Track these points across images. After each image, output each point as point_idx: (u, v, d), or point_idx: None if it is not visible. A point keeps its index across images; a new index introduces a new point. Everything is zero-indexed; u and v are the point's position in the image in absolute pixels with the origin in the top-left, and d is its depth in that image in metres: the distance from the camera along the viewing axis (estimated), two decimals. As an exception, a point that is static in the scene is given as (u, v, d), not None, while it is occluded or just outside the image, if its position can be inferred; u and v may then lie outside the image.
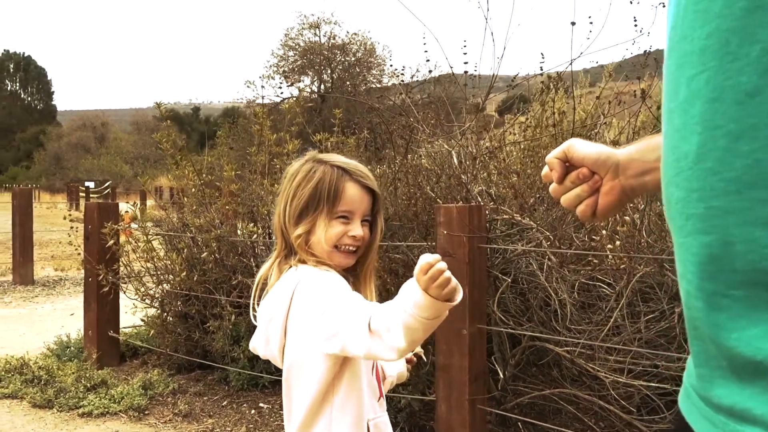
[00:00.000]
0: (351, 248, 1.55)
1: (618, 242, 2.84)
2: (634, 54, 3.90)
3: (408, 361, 1.87)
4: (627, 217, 2.88)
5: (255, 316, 1.59)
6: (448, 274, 1.23)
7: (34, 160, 62.94)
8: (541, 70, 3.47)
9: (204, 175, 4.40)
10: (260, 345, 1.58)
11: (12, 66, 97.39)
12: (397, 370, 1.83)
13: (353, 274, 1.62)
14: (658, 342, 3.01)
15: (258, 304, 1.58)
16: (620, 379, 2.93)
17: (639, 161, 0.96)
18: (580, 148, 1.02)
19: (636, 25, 3.53)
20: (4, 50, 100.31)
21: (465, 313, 3.04)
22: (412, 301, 1.26)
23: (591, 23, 3.21)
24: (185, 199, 4.60)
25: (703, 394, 0.63)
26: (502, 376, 3.30)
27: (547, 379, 3.50)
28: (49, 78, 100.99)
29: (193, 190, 4.37)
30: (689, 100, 0.60)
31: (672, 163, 0.64)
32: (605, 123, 3.98)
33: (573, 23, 2.83)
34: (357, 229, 1.54)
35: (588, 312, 3.29)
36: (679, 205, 0.63)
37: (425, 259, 1.23)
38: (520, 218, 3.22)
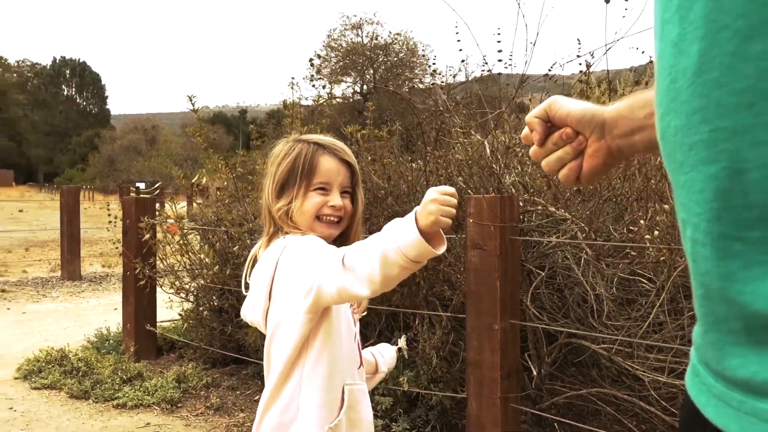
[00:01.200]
0: (333, 219, 1.59)
1: (657, 233, 2.70)
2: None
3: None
4: (666, 206, 2.73)
5: (246, 286, 1.63)
6: (454, 202, 1.28)
7: (89, 163, 64.86)
8: (578, 56, 3.34)
9: (237, 169, 4.38)
10: (248, 311, 1.61)
11: (68, 72, 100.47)
12: (389, 365, 1.85)
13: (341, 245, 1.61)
14: (700, 339, 2.86)
15: (249, 278, 1.62)
16: (661, 378, 2.79)
17: (627, 119, 0.86)
18: (562, 105, 0.92)
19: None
20: (61, 57, 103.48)
21: (496, 308, 2.94)
22: (400, 235, 1.28)
23: (626, 9, 3.07)
24: (218, 193, 4.61)
25: (714, 367, 0.52)
26: (536, 374, 3.18)
27: (586, 379, 3.37)
28: (103, 83, 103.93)
29: (226, 183, 4.37)
30: (686, 2, 0.50)
31: (667, 87, 0.53)
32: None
33: (607, 1, 2.70)
34: (336, 199, 1.58)
35: (627, 308, 3.15)
36: (678, 135, 0.52)
37: (441, 188, 1.29)
38: (554, 209, 3.11)
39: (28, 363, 4.70)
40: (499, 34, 3.70)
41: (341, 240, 1.62)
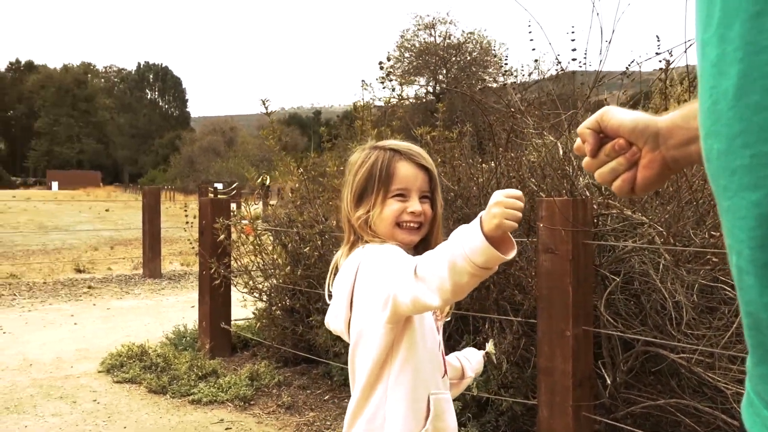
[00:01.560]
0: (413, 224, 1.57)
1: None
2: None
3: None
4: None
5: (329, 295, 1.64)
6: (519, 205, 1.25)
7: (170, 164, 67.27)
8: (657, 54, 3.21)
9: (309, 171, 4.44)
10: (331, 319, 1.62)
11: (151, 76, 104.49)
12: (476, 370, 1.81)
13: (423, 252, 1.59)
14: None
15: (332, 286, 1.63)
16: (744, 391, 2.65)
17: (683, 129, 0.83)
18: (615, 115, 0.90)
19: None
20: (145, 62, 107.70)
21: (568, 314, 2.86)
22: (466, 241, 1.26)
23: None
24: (290, 194, 4.68)
25: (767, 399, 0.51)
26: (610, 382, 3.08)
27: (665, 388, 3.24)
28: (183, 87, 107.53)
29: (297, 185, 4.44)
30: (725, 21, 0.48)
31: (709, 109, 0.51)
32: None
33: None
34: (415, 205, 1.56)
35: (708, 316, 3.01)
36: (720, 159, 0.50)
37: (506, 191, 1.27)
38: (631, 213, 3.00)
39: (111, 357, 4.91)
40: (573, 32, 3.61)
41: (423, 245, 1.60)
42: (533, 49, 3.98)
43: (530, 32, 3.81)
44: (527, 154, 3.73)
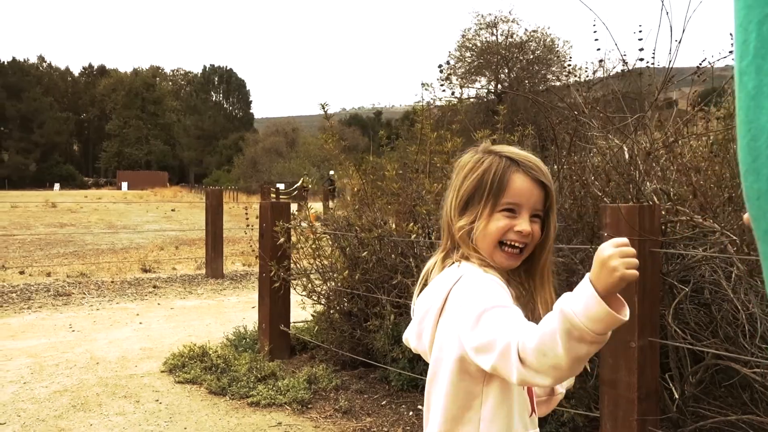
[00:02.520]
0: (517, 246, 1.42)
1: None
2: None
3: None
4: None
5: (414, 310, 1.53)
6: (633, 251, 1.12)
7: (234, 164, 68.72)
8: (730, 53, 3.06)
9: (368, 175, 4.43)
10: (412, 338, 1.51)
11: (216, 79, 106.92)
12: (567, 385, 1.64)
13: (526, 275, 1.48)
14: None
15: (417, 298, 1.52)
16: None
17: None
18: None
19: None
20: (210, 65, 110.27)
21: (634, 325, 2.75)
22: (579, 309, 1.12)
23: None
24: (349, 198, 4.68)
25: None
26: (678, 395, 2.95)
27: (737, 402, 3.09)
28: (247, 88, 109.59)
29: (356, 189, 4.43)
30: (762, 51, 0.44)
31: (748, 145, 0.47)
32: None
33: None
34: (524, 224, 1.40)
35: (785, 329, 2.85)
36: (760, 200, 0.47)
37: (613, 242, 1.14)
38: (701, 220, 2.87)
39: (173, 357, 5.01)
40: (640, 31, 3.48)
41: (527, 266, 1.47)
42: (598, 49, 3.86)
43: (595, 31, 3.70)
44: (591, 157, 3.62)
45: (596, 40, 3.82)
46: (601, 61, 4.14)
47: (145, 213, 23.44)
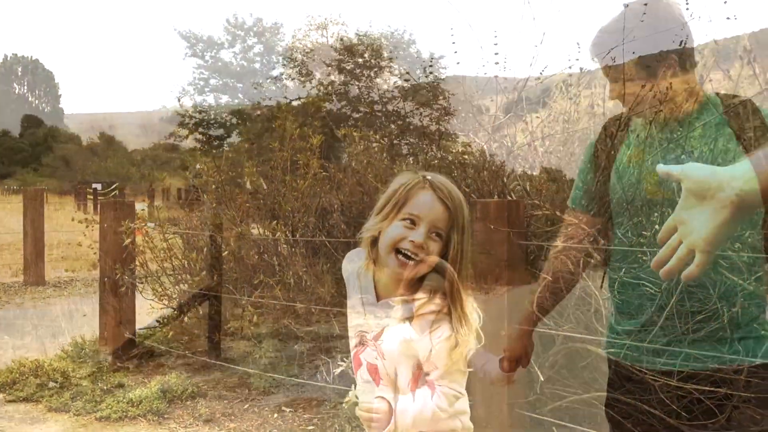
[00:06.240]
0: (410, 255, 1.50)
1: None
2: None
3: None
4: None
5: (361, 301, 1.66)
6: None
7: (41, 163, 63.17)
8: (570, 68, 3.32)
9: (225, 171, 4.27)
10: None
11: (20, 69, 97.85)
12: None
13: (444, 294, 1.53)
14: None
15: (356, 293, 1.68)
16: None
17: None
18: None
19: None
20: (12, 54, 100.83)
21: (504, 314, 2.90)
22: None
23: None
24: (205, 196, 4.48)
25: None
26: (543, 379, 3.15)
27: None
28: (56, 81, 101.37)
29: (213, 186, 4.25)
30: None
31: None
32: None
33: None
34: (418, 235, 1.49)
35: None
36: None
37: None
38: (560, 214, 3.08)
39: (0, 374, 4.49)
40: (496, 36, 3.66)
41: (444, 284, 1.51)
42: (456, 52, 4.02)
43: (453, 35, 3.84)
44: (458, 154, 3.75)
45: (453, 43, 3.97)
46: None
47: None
